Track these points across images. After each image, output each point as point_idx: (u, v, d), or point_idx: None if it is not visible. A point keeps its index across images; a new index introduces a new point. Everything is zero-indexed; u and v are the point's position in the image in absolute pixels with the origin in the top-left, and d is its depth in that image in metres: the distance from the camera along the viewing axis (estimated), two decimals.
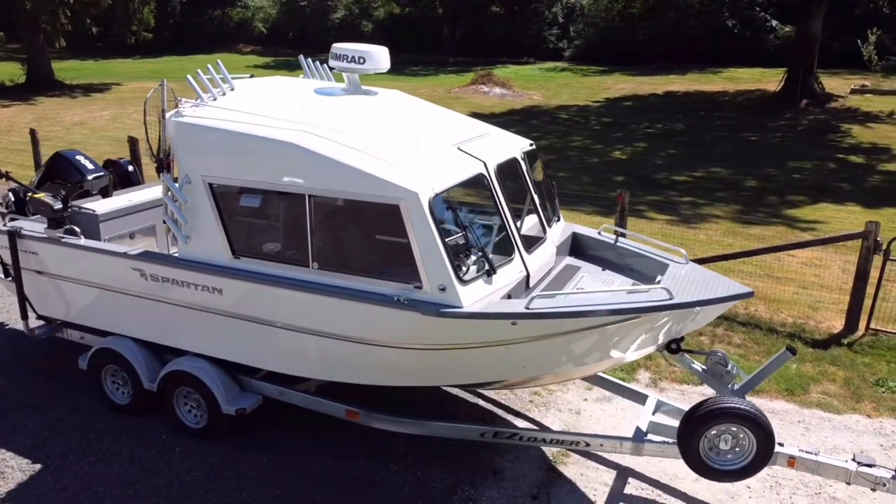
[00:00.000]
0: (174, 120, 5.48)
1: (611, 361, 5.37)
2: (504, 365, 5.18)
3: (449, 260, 4.75)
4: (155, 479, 5.70)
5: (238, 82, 6.04)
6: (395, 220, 4.85)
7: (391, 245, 5.03)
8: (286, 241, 5.37)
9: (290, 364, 5.67)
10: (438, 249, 4.74)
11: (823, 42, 28.59)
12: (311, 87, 6.18)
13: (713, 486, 5.64)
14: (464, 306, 4.75)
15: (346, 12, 40.26)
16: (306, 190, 5.06)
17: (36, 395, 6.81)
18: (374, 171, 4.87)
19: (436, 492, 5.62)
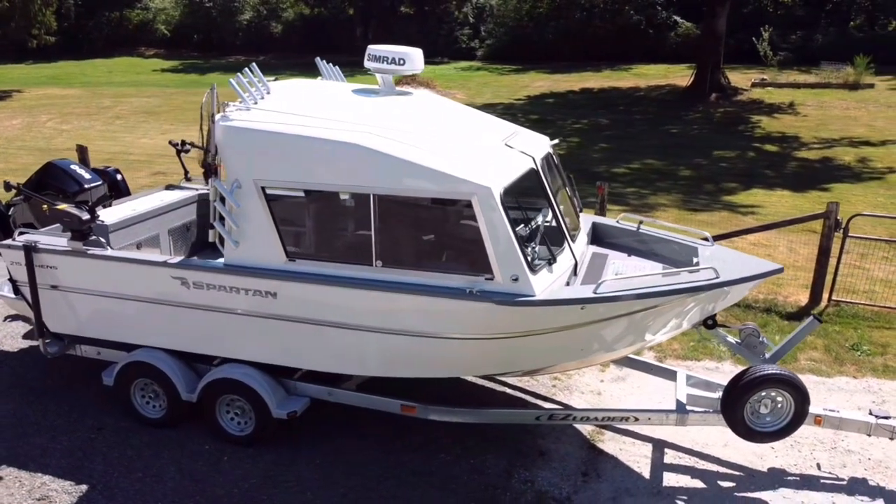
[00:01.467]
0: (223, 124, 5.44)
1: (658, 339, 5.76)
2: (565, 349, 5.47)
3: (521, 251, 4.99)
4: (212, 489, 5.64)
5: (272, 85, 6.03)
6: (464, 215, 5.03)
7: (458, 239, 5.21)
8: (347, 240, 5.45)
9: (346, 363, 5.74)
10: (511, 241, 4.97)
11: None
12: (347, 89, 6.25)
13: (742, 450, 6.13)
14: (536, 294, 5.00)
15: (254, 13, 39.41)
16: (371, 189, 5.17)
17: (52, 417, 6.54)
18: (443, 168, 5.04)
19: (492, 476, 5.84)
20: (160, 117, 22.32)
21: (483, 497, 5.60)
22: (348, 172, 5.21)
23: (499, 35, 37.41)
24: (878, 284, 9.58)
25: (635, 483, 5.80)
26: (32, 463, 5.91)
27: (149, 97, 25.97)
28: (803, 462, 6.02)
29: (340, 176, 5.25)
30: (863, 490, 5.68)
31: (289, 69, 34.13)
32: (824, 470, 5.92)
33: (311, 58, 35.15)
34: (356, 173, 5.19)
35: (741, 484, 5.79)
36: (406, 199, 5.21)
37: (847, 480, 5.79)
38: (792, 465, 5.99)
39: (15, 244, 6.18)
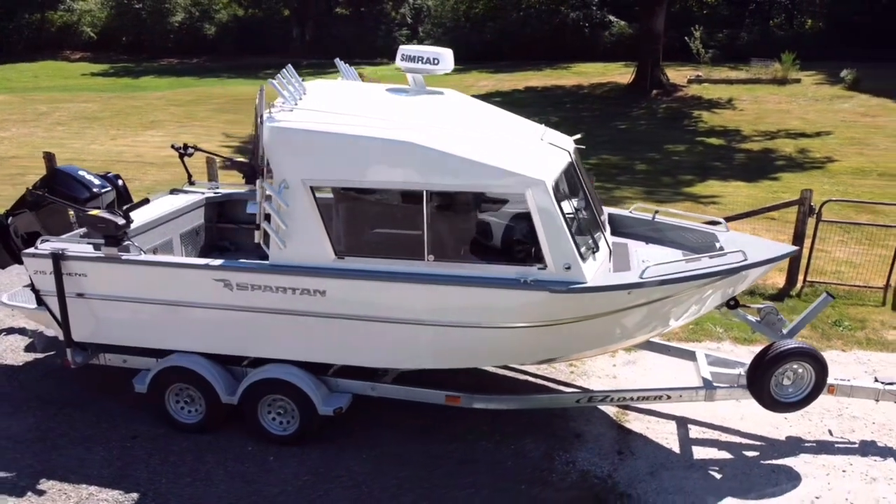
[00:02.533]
0: (270, 125, 5.48)
1: (686, 320, 6.11)
2: (608, 333, 5.75)
3: (573, 240, 5.24)
4: (267, 488, 5.67)
5: (306, 85, 6.09)
6: (517, 208, 5.24)
7: (510, 231, 5.42)
8: (398, 236, 5.57)
9: (394, 357, 5.86)
10: (564, 231, 5.21)
11: None
12: (380, 89, 6.36)
13: (758, 422, 6.55)
14: (587, 281, 5.26)
15: (186, 15, 38.44)
16: (424, 185, 5.31)
17: (81, 428, 6.41)
18: (496, 163, 5.24)
19: (536, 460, 6.07)
20: (104, 122, 21.62)
21: (532, 478, 5.83)
22: (401, 170, 5.35)
23: (437, 35, 37.63)
24: (842, 265, 10.29)
25: (668, 458, 6.13)
26: (73, 475, 5.81)
27: (86, 102, 25.07)
28: (816, 429, 6.49)
29: (392, 173, 5.38)
30: (874, 451, 6.18)
31: (226, 72, 33.58)
32: (836, 435, 6.40)
33: (246, 60, 35.33)
34: (409, 170, 5.33)
35: (764, 452, 6.21)
36: (458, 194, 5.38)
37: (858, 443, 6.28)
38: (806, 433, 6.44)
39: (41, 252, 6.03)
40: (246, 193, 7.94)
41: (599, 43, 34.79)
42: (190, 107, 24.15)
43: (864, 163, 16.65)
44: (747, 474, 5.93)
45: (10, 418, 6.54)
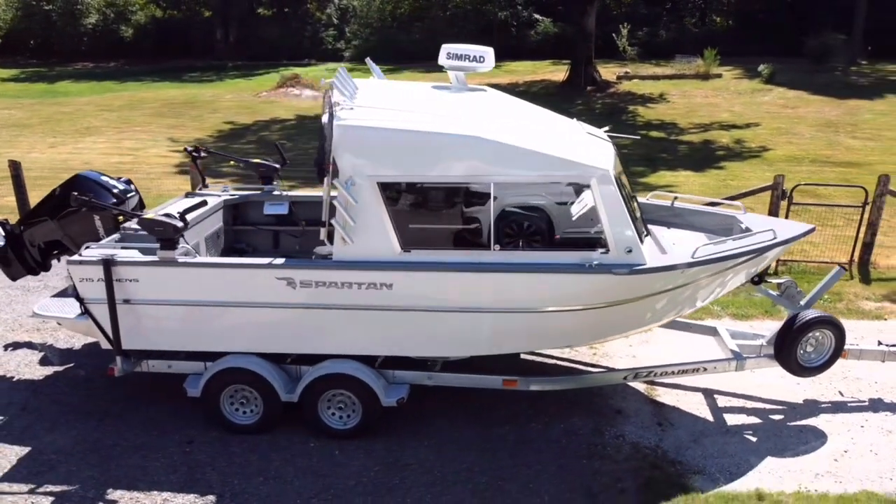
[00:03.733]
0: (339, 123, 5.57)
1: (715, 297, 6.57)
2: (656, 311, 6.15)
3: (634, 225, 5.59)
4: (341, 481, 5.78)
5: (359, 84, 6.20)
6: (580, 196, 5.55)
7: (574, 218, 5.72)
8: (464, 228, 5.78)
9: (455, 346, 6.07)
10: (626, 217, 5.56)
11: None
12: (424, 86, 6.53)
13: (774, 388, 7.11)
14: (647, 263, 5.63)
15: (100, 17, 36.89)
16: (491, 178, 5.55)
17: (131, 437, 6.32)
18: (562, 154, 5.54)
19: (587, 436, 6.41)
20: (35, 130, 20.60)
21: (590, 453, 6.17)
22: (468, 163, 5.56)
23: (365, 36, 37.63)
24: (805, 245, 11.10)
25: (704, 426, 6.60)
26: (139, 482, 5.74)
27: (7, 109, 23.78)
28: (827, 391, 7.10)
29: (460, 167, 5.59)
30: (883, 407, 6.84)
31: (148, 75, 32.47)
32: (847, 396, 7.03)
33: (168, 62, 34.62)
34: (476, 163, 5.55)
35: (787, 415, 6.76)
36: (523, 185, 5.64)
37: (868, 401, 6.93)
38: (820, 395, 7.05)
39: (91, 259, 5.91)
40: (261, 195, 7.95)
41: (526, 42, 35.63)
42: (123, 112, 23.32)
43: (795, 151, 17.86)
44: (778, 435, 6.45)
45: (52, 432, 6.37)
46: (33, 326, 8.35)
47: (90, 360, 7.57)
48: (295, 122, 22.07)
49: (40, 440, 6.26)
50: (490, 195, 5.59)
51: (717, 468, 6.00)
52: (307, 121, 22.24)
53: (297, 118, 22.61)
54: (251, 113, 23.32)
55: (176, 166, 16.34)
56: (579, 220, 5.72)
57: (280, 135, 20.22)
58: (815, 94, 24.47)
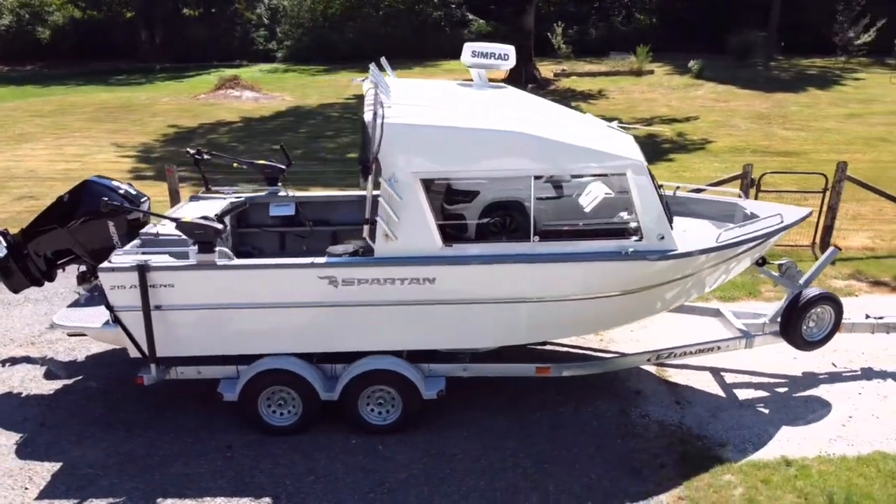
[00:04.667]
0: (387, 121, 5.61)
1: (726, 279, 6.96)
2: (678, 294, 6.47)
3: (666, 213, 5.89)
4: (393, 475, 5.85)
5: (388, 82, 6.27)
6: (615, 186, 5.80)
7: (609, 208, 5.96)
8: (504, 220, 5.93)
9: (493, 336, 6.23)
10: (658, 205, 5.85)
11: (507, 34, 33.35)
12: (449, 84, 6.64)
13: (773, 363, 7.57)
14: (678, 249, 5.94)
15: (14, 18, 35.14)
16: (532, 171, 5.74)
17: (165, 446, 6.20)
18: (598, 147, 5.78)
19: (615, 417, 6.69)
20: None
21: (622, 433, 6.44)
22: (510, 158, 5.73)
23: (297, 36, 37.18)
24: None
25: (719, 402, 6.98)
26: (188, 490, 5.65)
27: None
28: (822, 364, 7.61)
29: (501, 162, 5.75)
30: (874, 375, 7.39)
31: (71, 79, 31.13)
32: (840, 367, 7.56)
33: (91, 65, 33.66)
34: (517, 158, 5.72)
35: (791, 387, 7.22)
36: (562, 178, 5.84)
37: (860, 370, 7.48)
38: (816, 368, 7.55)
39: (125, 265, 5.77)
40: (266, 197, 7.89)
41: (460, 41, 35.85)
42: (56, 117, 22.36)
43: (736, 142, 18.78)
44: (787, 406, 6.90)
45: (79, 446, 6.18)
46: (26, 340, 8.03)
47: (99, 371, 7.36)
48: (242, 124, 21.67)
49: (69, 455, 6.07)
50: (530, 188, 5.77)
51: (740, 440, 6.37)
52: (254, 123, 21.90)
53: (242, 120, 22.20)
54: (193, 116, 22.75)
55: (130, 172, 15.83)
56: (617, 210, 5.99)
57: (229, 137, 19.85)
58: (743, 88, 25.75)
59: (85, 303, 6.80)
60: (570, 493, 5.67)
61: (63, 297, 9.03)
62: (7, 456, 6.06)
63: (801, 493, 5.64)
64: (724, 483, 5.77)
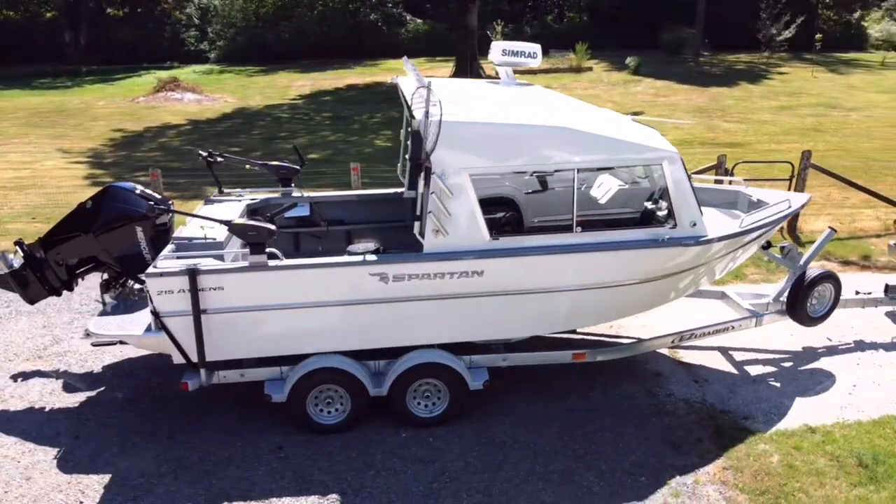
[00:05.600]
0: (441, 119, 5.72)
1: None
2: (702, 278, 6.83)
3: (697, 200, 6.23)
4: (451, 464, 5.98)
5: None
6: (651, 177, 6.10)
7: (645, 198, 6.25)
8: (548, 213, 6.14)
9: (536, 325, 6.44)
10: (692, 193, 6.19)
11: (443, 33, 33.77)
12: (478, 83, 6.79)
13: (773, 340, 8.06)
14: (709, 234, 6.30)
15: None
16: (576, 165, 5.97)
17: (214, 450, 6.14)
18: (636, 140, 6.06)
19: (644, 398, 7.01)
20: None
21: (654, 412, 6.77)
22: (555, 152, 5.94)
23: (230, 36, 36.44)
24: None
25: (733, 379, 7.40)
26: (252, 493, 5.64)
27: None
28: (818, 339, 8.16)
29: (546, 156, 5.96)
30: (867, 346, 7.98)
31: None
32: (835, 340, 8.12)
33: (11, 68, 32.77)
34: (562, 152, 5.95)
35: (795, 362, 7.72)
36: (603, 170, 6.10)
37: (853, 343, 8.06)
38: (814, 342, 8.09)
39: (174, 270, 5.70)
40: (280, 198, 7.87)
41: (397, 40, 36.05)
42: None
43: (684, 135, 19.59)
44: (796, 379, 7.38)
45: (125, 457, 6.05)
46: (32, 354, 7.75)
47: (121, 382, 7.20)
48: (190, 126, 21.19)
49: (116, 466, 5.95)
50: (573, 181, 6.00)
51: (761, 412, 6.79)
52: (202, 125, 21.44)
53: (189, 123, 21.70)
54: (136, 119, 22.08)
55: (86, 178, 15.31)
56: (653, 199, 6.29)
57: (181, 140, 19.39)
58: (680, 83, 26.83)
59: (112, 311, 6.65)
60: (622, 470, 5.94)
61: (57, 308, 8.75)
62: (49, 471, 5.89)
63: (832, 456, 6.08)
64: (761, 451, 6.16)
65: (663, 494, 5.68)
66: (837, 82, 27.12)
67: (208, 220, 6.13)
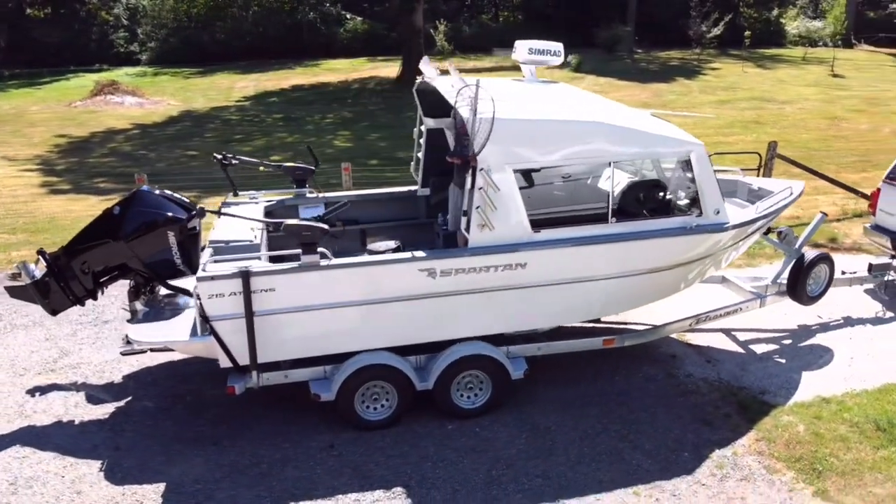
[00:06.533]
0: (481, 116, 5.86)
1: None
2: (720, 262, 7.21)
3: (720, 189, 6.58)
4: (504, 451, 6.15)
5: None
6: (679, 168, 6.42)
7: (675, 188, 6.56)
8: (585, 205, 6.36)
9: (572, 314, 6.67)
10: (716, 183, 6.53)
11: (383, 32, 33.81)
12: (504, 80, 6.95)
13: (769, 320, 8.54)
14: (730, 221, 6.66)
15: None
16: (611, 157, 6.22)
17: (267, 453, 6.12)
18: (666, 133, 6.35)
19: (666, 379, 7.35)
20: None
21: (679, 391, 7.11)
22: (592, 146, 6.18)
23: (162, 37, 35.38)
24: None
25: (741, 357, 7.83)
26: (316, 491, 5.66)
27: None
28: (809, 317, 8.69)
29: (583, 150, 6.18)
30: (855, 322, 8.56)
31: None
32: (825, 318, 8.67)
33: None
34: (600, 146, 6.19)
35: (793, 339, 8.22)
36: (635, 162, 6.37)
37: (842, 319, 8.63)
38: (807, 320, 8.62)
39: (226, 273, 5.65)
40: (294, 199, 7.86)
41: (336, 40, 35.80)
42: None
43: None
44: (797, 355, 7.87)
45: (174, 465, 5.96)
46: (42, 367, 7.48)
47: (147, 391, 7.05)
48: (138, 131, 20.55)
49: (167, 474, 5.85)
50: (609, 173, 6.25)
51: (775, 386, 7.22)
52: (151, 129, 20.83)
53: (136, 127, 21.06)
54: (78, 124, 21.27)
55: (42, 186, 14.72)
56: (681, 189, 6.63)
57: (133, 145, 18.83)
58: (621, 79, 27.66)
59: (144, 318, 6.51)
60: (666, 447, 6.24)
61: (55, 320, 8.42)
62: (99, 483, 5.74)
63: (851, 423, 6.54)
64: (786, 423, 6.57)
65: (708, 467, 6.00)
66: (767, 77, 28.52)
67: (265, 221, 6.10)
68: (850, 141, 18.93)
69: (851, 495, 5.68)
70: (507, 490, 5.71)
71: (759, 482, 5.84)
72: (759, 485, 5.81)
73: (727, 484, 5.82)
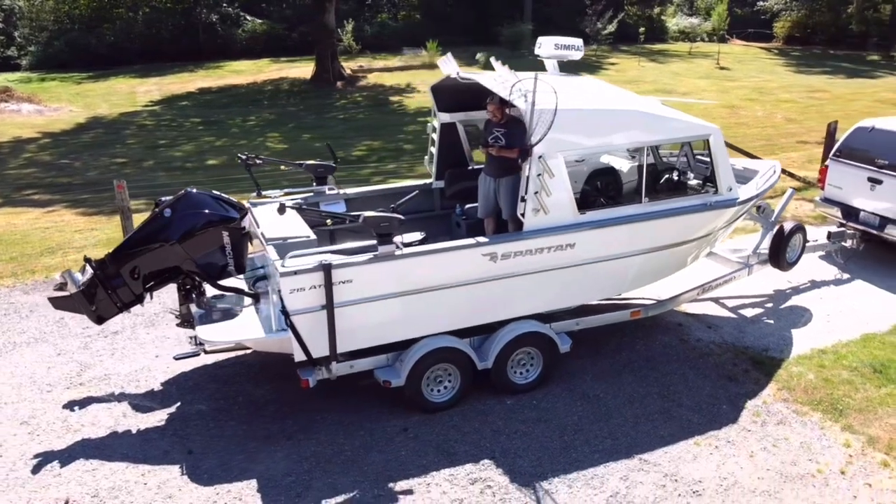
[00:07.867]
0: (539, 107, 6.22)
1: None
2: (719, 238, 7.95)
3: (732, 168, 7.29)
4: (568, 420, 6.57)
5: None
6: (698, 150, 7.08)
7: (695, 168, 7.20)
8: (622, 187, 6.88)
9: (608, 289, 7.19)
10: (729, 162, 7.23)
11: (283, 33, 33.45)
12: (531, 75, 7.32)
13: (749, 288, 9.43)
14: (741, 197, 7.40)
15: None
16: (647, 142, 6.78)
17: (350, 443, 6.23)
18: (689, 119, 6.97)
19: (678, 344, 8.01)
20: None
21: (696, 354, 7.79)
22: (631, 132, 6.71)
23: (44, 40, 33.27)
24: None
25: (737, 322, 8.64)
26: (409, 470, 5.87)
27: None
28: (783, 283, 9.65)
29: (624, 136, 6.70)
30: (820, 284, 9.61)
31: None
32: (794, 283, 9.66)
33: None
34: (637, 132, 6.72)
35: (775, 303, 9.13)
36: (665, 146, 6.95)
37: (809, 282, 9.65)
38: (781, 286, 9.57)
39: (308, 267, 5.74)
40: (316, 196, 7.95)
41: (233, 41, 34.92)
42: None
43: None
44: (782, 316, 8.77)
45: (257, 462, 5.98)
46: (70, 383, 7.20)
47: (195, 395, 6.96)
48: (49, 139, 19.47)
49: (254, 471, 5.88)
50: (644, 157, 6.81)
51: (773, 345, 8.05)
52: (63, 137, 19.81)
53: (46, 135, 19.94)
54: None
55: None
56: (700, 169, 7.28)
57: (51, 154, 17.90)
58: None
59: (206, 319, 6.46)
60: (706, 402, 6.88)
61: (57, 335, 8.14)
62: (186, 487, 5.70)
63: (851, 368, 7.44)
64: (797, 373, 7.38)
65: (747, 416, 6.69)
66: (662, 70, 30.46)
67: (346, 216, 6.23)
68: (751, 127, 20.66)
69: (873, 427, 6.51)
70: (583, 452, 6.14)
71: (793, 424, 6.57)
72: (794, 426, 6.54)
73: (768, 428, 6.52)
